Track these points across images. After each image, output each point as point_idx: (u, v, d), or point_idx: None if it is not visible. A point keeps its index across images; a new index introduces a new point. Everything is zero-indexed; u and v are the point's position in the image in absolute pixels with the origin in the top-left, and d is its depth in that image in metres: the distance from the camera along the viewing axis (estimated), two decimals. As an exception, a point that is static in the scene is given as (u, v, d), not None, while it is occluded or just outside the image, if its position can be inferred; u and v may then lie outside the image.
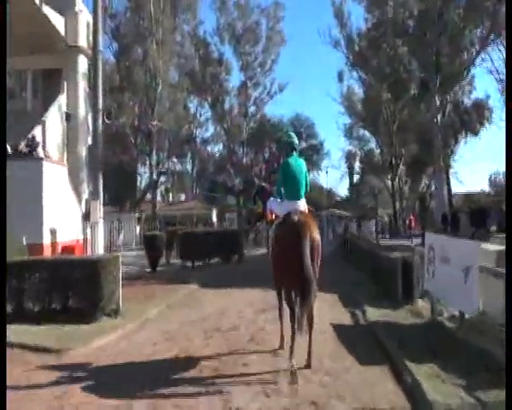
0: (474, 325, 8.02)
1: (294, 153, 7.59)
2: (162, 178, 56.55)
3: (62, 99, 26.27)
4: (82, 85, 26.68)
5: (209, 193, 61.77)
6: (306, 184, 7.54)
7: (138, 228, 39.50)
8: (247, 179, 51.63)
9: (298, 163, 7.48)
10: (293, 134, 7.88)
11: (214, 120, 56.36)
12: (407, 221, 44.34)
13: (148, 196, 49.96)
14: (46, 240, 20.70)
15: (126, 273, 18.73)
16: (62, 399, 5.83)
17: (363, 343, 8.24)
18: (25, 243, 18.55)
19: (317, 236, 6.91)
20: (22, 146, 21.53)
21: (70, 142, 26.56)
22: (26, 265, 10.34)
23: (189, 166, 67.47)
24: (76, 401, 5.74)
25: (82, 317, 9.88)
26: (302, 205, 7.41)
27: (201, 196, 63.58)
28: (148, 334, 9.32)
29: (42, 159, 21.04)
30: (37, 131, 23.68)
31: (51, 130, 24.88)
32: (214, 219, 53.47)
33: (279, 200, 7.63)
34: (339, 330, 9.14)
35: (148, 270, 20.97)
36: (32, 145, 21.43)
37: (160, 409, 5.47)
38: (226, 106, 54.12)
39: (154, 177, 45.36)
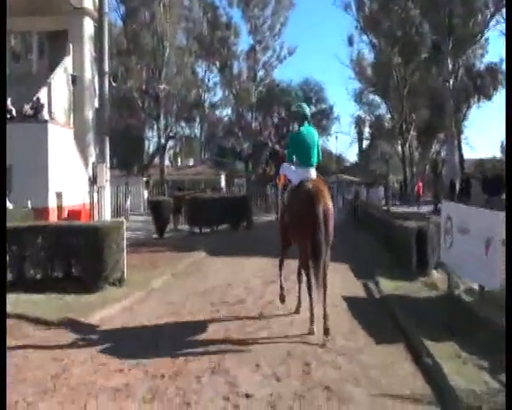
0: (495, 300, 7.59)
1: (306, 122, 7.77)
2: (170, 143, 56.15)
3: (68, 61, 25.87)
4: (88, 48, 26.24)
5: (218, 158, 61.19)
6: (318, 154, 7.76)
7: (146, 193, 39.22)
8: (256, 144, 51.10)
9: (310, 132, 7.69)
10: (304, 105, 8.11)
11: (223, 84, 55.65)
12: (415, 188, 43.68)
13: (157, 160, 49.56)
14: (52, 204, 20.41)
15: (132, 239, 18.53)
16: (59, 379, 5.47)
17: (378, 319, 7.85)
18: (30, 206, 18.25)
19: (330, 203, 7.16)
20: (27, 108, 21.14)
21: (76, 105, 26.23)
22: (26, 231, 9.93)
23: (197, 131, 66.92)
24: (73, 383, 5.37)
25: (85, 286, 9.58)
26: (314, 173, 7.65)
27: (210, 161, 63.08)
28: (153, 306, 8.96)
29: (47, 121, 20.67)
30: (42, 94, 23.31)
31: (57, 92, 24.50)
32: (223, 184, 53.11)
33: (293, 166, 7.79)
34: (351, 303, 8.74)
35: (155, 236, 20.67)
36: (37, 107, 21.01)
37: (161, 392, 5.09)
38: (235, 70, 53.45)
39: (162, 141, 44.91)
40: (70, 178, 21.65)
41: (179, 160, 68.44)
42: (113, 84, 24.59)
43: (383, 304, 8.83)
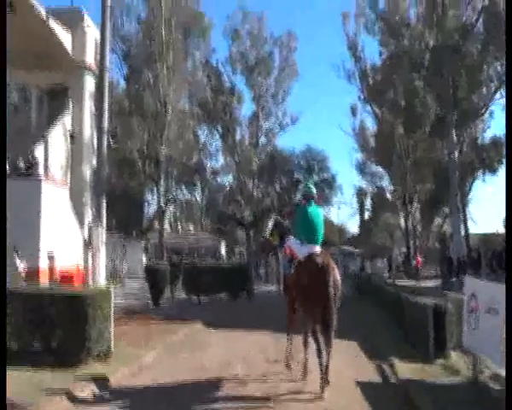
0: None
1: (313, 202, 8.48)
2: (170, 207, 55.49)
3: (67, 118, 25.45)
4: (88, 105, 25.92)
5: (218, 224, 60.45)
6: (322, 232, 8.42)
7: (144, 257, 38.24)
8: (258, 212, 50.50)
9: (317, 212, 8.43)
10: (311, 185, 8.96)
11: (225, 150, 55.38)
12: (413, 262, 42.65)
13: (157, 224, 48.75)
14: (43, 265, 19.37)
15: (125, 307, 17.50)
16: None
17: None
18: (20, 267, 17.32)
19: (338, 277, 7.82)
20: (21, 164, 20.44)
21: (74, 163, 25.67)
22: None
23: (198, 196, 66.35)
24: None
25: (67, 359, 8.53)
26: (319, 249, 8.20)
27: (210, 228, 62.34)
28: (138, 391, 7.81)
29: (40, 179, 19.93)
30: (38, 150, 22.76)
31: (54, 149, 24.03)
32: (223, 251, 52.23)
33: (298, 241, 8.34)
34: (366, 390, 7.65)
35: (151, 304, 19.56)
36: (32, 164, 20.30)
37: None
38: (237, 136, 53.25)
39: (162, 204, 44.21)
40: (64, 239, 20.73)
41: (179, 225, 67.64)
42: (112, 143, 24.08)
43: (402, 392, 7.74)
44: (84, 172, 25.89)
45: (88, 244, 23.86)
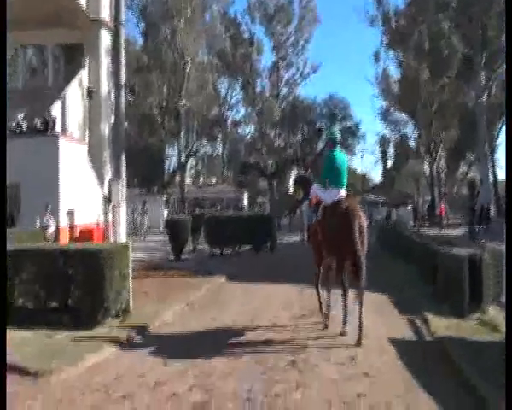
0: None
1: (338, 147, 8.59)
2: (192, 161, 55.11)
3: (84, 75, 24.91)
4: (105, 61, 25.27)
5: (240, 176, 59.86)
6: (347, 176, 8.53)
7: (166, 211, 37.97)
8: (280, 162, 49.85)
9: (342, 157, 8.56)
10: (336, 130, 9.13)
11: (245, 101, 54.51)
12: (437, 210, 41.63)
13: (178, 178, 48.41)
14: (63, 222, 19.06)
15: (146, 261, 17.24)
16: None
17: (438, 373, 6.25)
18: (38, 225, 17.03)
19: (364, 221, 7.93)
20: (38, 123, 19.98)
21: (92, 120, 25.21)
22: (14, 254, 8.47)
23: (219, 149, 65.67)
24: None
25: (83, 319, 8.18)
26: (344, 193, 8.38)
27: (232, 180, 61.83)
28: (157, 352, 7.30)
29: (58, 136, 19.43)
30: (55, 108, 22.33)
31: (71, 107, 23.57)
32: (245, 203, 51.79)
33: (323, 187, 8.45)
34: (400, 348, 7.16)
35: (172, 257, 19.24)
36: (49, 122, 19.80)
37: None
38: (257, 88, 52.36)
39: (183, 159, 43.72)
40: (83, 196, 20.38)
41: (201, 178, 67.26)
42: (130, 98, 23.61)
43: (439, 350, 7.21)
44: (103, 129, 25.43)
45: (108, 201, 23.62)
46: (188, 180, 60.46)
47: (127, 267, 8.90)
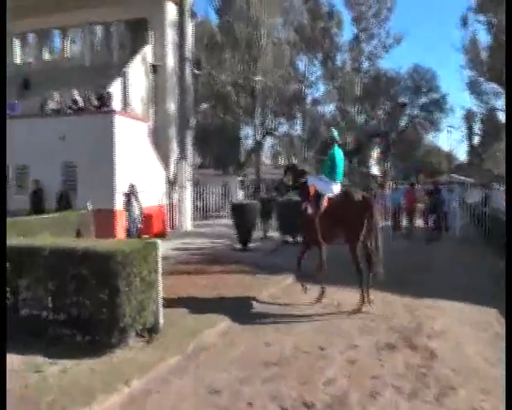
0: None
1: (336, 145, 9.43)
2: (270, 141, 53.12)
3: (148, 50, 23.48)
4: (170, 35, 23.65)
5: (320, 155, 57.24)
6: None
7: (242, 193, 36.01)
8: (362, 138, 47.15)
9: (340, 154, 9.48)
10: (334, 130, 9.88)
11: (325, 78, 51.90)
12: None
13: (254, 158, 46.45)
14: (119, 206, 17.30)
15: (207, 251, 15.57)
16: None
17: None
18: (90, 208, 15.40)
19: (377, 215, 9.04)
20: (93, 99, 18.44)
21: (157, 97, 23.69)
22: (11, 252, 6.62)
23: (298, 128, 63.16)
24: None
25: (95, 339, 6.21)
26: (340, 186, 9.42)
27: (312, 160, 59.29)
28: (184, 394, 5.22)
29: (113, 112, 17.73)
30: (116, 84, 20.90)
31: (134, 83, 22.08)
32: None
33: (321, 178, 9.48)
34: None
35: (238, 246, 17.11)
36: (104, 98, 18.14)
37: None
38: (338, 62, 50.04)
39: (258, 137, 41.64)
40: (144, 177, 18.59)
41: (280, 158, 65.13)
42: (197, 72, 22.07)
43: None
44: (168, 107, 23.82)
45: (173, 182, 21.90)
46: (268, 161, 58.57)
47: (154, 272, 6.70)
